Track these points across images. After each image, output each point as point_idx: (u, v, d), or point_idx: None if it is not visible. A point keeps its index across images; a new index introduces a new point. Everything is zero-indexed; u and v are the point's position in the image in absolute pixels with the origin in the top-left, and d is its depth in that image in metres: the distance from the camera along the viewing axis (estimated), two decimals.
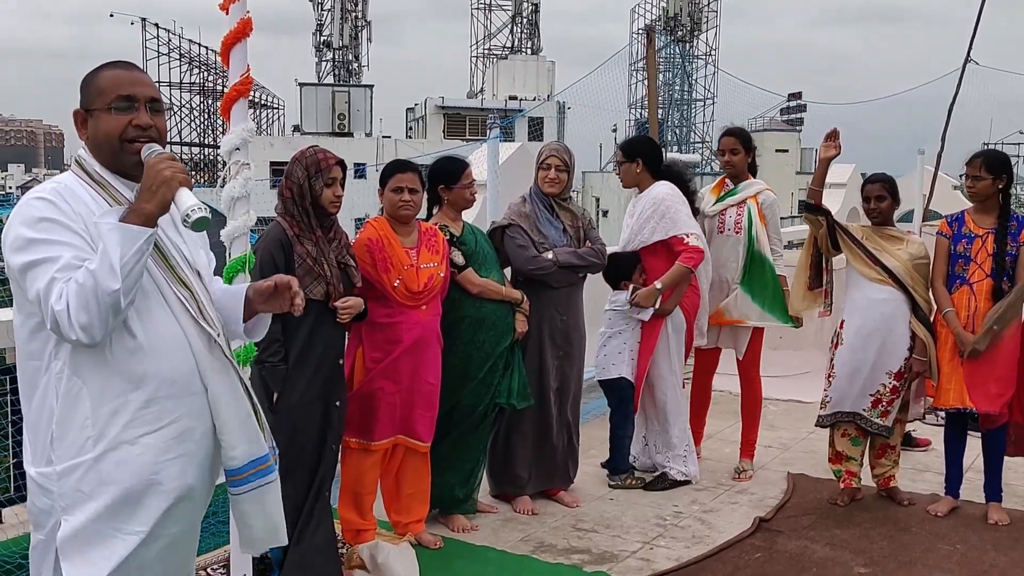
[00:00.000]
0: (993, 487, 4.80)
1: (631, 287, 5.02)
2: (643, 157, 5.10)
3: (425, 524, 4.44)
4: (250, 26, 2.99)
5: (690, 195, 5.16)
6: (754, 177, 5.39)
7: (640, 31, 46.40)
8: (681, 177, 5.18)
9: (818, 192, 4.85)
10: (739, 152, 5.29)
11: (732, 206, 5.27)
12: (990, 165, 4.61)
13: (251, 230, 3.15)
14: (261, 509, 2.42)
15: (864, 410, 4.79)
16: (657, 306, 4.95)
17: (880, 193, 4.75)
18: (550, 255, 4.69)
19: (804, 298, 5.06)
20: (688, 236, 4.92)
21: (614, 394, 5.21)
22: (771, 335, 7.45)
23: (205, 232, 2.32)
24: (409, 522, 4.36)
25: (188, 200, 2.13)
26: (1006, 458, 4.85)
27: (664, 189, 5.02)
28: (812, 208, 4.84)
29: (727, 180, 5.39)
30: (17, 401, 4.35)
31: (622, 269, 5.10)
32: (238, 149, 3.02)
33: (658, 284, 4.92)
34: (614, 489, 5.17)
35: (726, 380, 7.41)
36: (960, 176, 5.00)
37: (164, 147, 2.31)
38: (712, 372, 5.64)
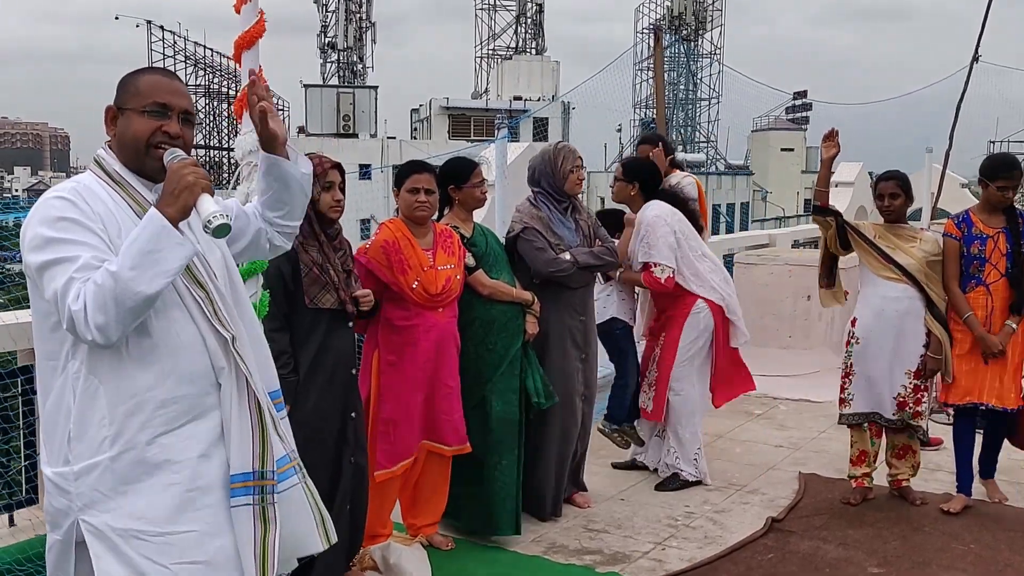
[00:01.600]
0: (988, 463, 4.96)
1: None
2: (641, 182, 5.18)
3: (437, 525, 4.43)
4: (263, 27, 2.98)
5: (690, 215, 5.21)
6: (678, 171, 5.71)
7: (645, 30, 46.36)
8: (676, 198, 5.25)
9: (824, 192, 4.83)
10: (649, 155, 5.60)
11: None
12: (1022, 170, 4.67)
13: None
14: (243, 533, 2.31)
15: (894, 413, 4.79)
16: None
17: (894, 190, 4.74)
18: (568, 256, 4.68)
19: (828, 296, 5.11)
20: (656, 266, 4.99)
21: (611, 343, 5.25)
22: (780, 335, 7.48)
23: None
24: (423, 524, 4.36)
25: (210, 207, 2.14)
26: (1019, 458, 4.93)
27: (653, 212, 5.07)
28: (820, 209, 4.83)
29: None
30: (28, 403, 4.38)
31: (608, 222, 5.20)
32: (252, 151, 3.01)
33: (617, 275, 5.18)
34: (604, 436, 5.23)
35: None
36: (976, 179, 4.91)
37: (188, 155, 2.32)
38: None
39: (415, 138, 42.87)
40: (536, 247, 4.64)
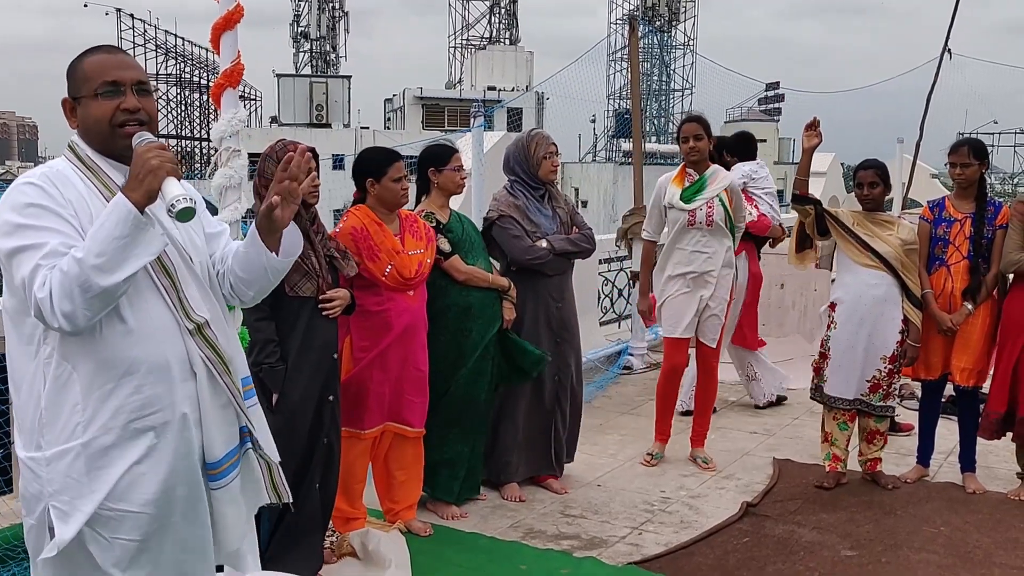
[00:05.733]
0: (968, 457, 5.04)
1: None
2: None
3: (416, 511, 4.45)
4: (240, 12, 2.97)
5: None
6: (713, 164, 5.28)
7: (619, 20, 46.43)
8: None
9: (804, 182, 4.89)
10: (703, 138, 5.15)
11: (704, 200, 5.12)
12: (976, 151, 4.85)
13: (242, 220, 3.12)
14: (235, 506, 2.40)
15: (863, 395, 4.87)
16: None
17: (873, 179, 4.82)
18: (544, 243, 4.71)
19: (797, 259, 5.21)
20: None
21: None
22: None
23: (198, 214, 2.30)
24: (400, 509, 4.37)
25: (174, 190, 2.10)
26: (991, 442, 5.04)
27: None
28: (800, 198, 4.88)
29: (688, 168, 5.21)
30: (6, 391, 4.33)
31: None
32: (231, 136, 3.00)
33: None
34: None
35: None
36: (945, 164, 5.14)
37: (156, 129, 2.32)
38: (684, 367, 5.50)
39: (388, 128, 42.74)
40: (512, 235, 4.67)
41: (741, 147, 6.33)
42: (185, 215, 2.10)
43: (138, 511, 2.23)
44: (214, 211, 3.04)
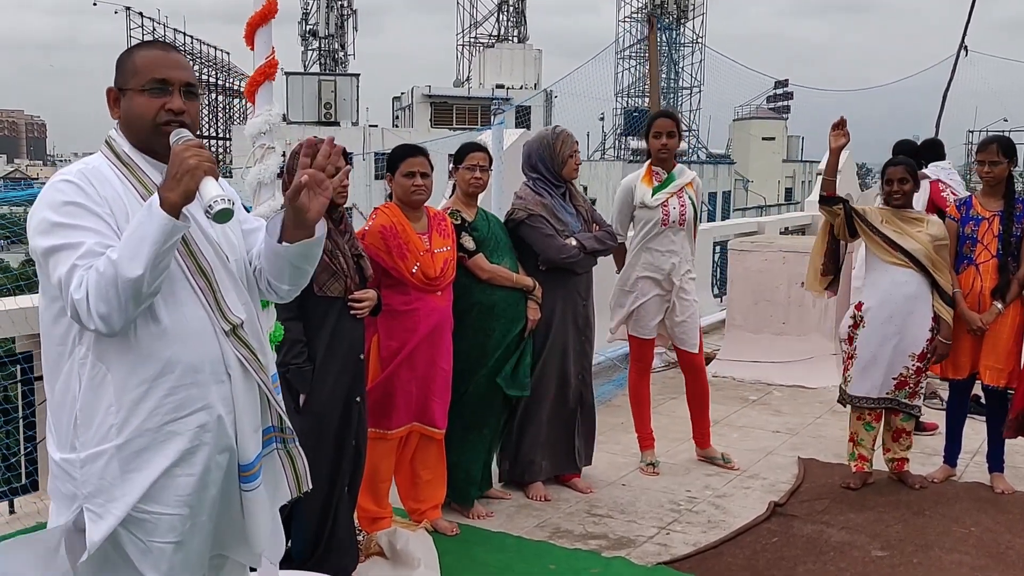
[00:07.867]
0: (996, 457, 4.99)
1: None
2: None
3: (441, 511, 4.43)
4: (275, 8, 2.95)
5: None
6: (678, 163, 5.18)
7: (628, 19, 46.38)
8: None
9: (832, 182, 4.82)
10: (675, 135, 5.07)
11: (672, 195, 5.05)
12: (1006, 149, 4.83)
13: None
14: (264, 507, 2.39)
15: (888, 393, 4.82)
16: None
17: (903, 176, 4.78)
18: (574, 242, 4.68)
19: (817, 281, 5.11)
20: None
21: None
22: (775, 321, 7.50)
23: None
24: (426, 509, 4.35)
25: (212, 190, 2.06)
26: (1018, 443, 5.00)
27: None
28: (828, 199, 4.84)
29: (655, 167, 5.10)
30: (28, 392, 4.33)
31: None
32: (264, 133, 2.98)
33: None
34: None
35: (726, 366, 7.47)
36: (972, 162, 5.14)
37: (195, 133, 2.26)
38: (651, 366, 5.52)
39: (397, 126, 42.71)
40: (545, 234, 4.64)
41: (932, 151, 6.73)
42: (223, 216, 2.06)
43: (173, 513, 2.20)
44: (247, 210, 3.02)
